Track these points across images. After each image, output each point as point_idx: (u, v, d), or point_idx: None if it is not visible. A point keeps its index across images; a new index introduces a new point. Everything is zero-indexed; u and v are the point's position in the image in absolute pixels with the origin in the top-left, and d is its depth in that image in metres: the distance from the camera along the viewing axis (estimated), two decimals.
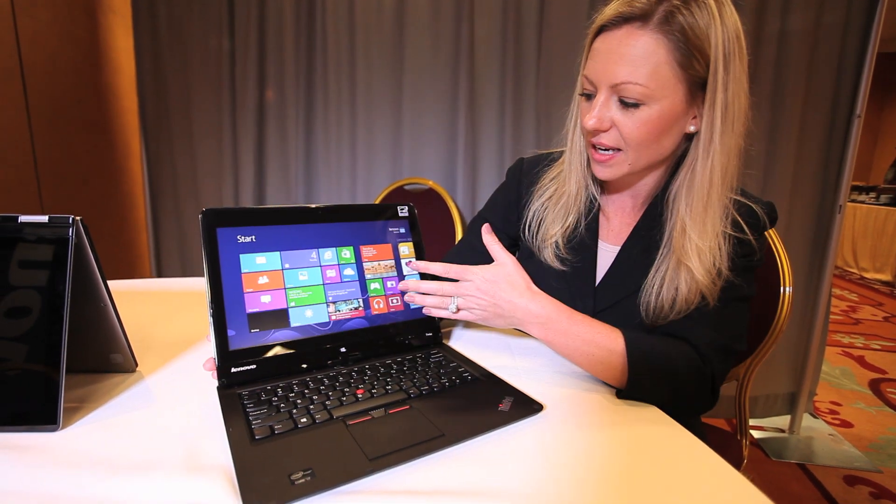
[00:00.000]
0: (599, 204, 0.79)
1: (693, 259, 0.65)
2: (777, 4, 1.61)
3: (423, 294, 0.71)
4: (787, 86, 1.66)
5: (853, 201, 4.69)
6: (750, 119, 0.65)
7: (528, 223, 0.82)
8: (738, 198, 0.70)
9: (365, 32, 1.81)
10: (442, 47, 1.79)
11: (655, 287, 0.68)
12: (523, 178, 0.87)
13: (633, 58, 0.60)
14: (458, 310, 0.68)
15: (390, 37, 1.80)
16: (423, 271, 0.73)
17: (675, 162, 0.71)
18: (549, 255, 0.78)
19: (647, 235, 0.72)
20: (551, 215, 0.79)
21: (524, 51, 1.74)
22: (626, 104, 0.62)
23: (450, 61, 1.79)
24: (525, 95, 1.77)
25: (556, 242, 0.78)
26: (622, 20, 0.60)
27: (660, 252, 0.70)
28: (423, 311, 0.72)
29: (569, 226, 0.78)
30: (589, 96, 0.67)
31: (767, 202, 0.71)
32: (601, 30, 0.63)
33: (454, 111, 1.82)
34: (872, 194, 4.62)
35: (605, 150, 0.67)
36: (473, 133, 1.82)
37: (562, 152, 0.81)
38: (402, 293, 0.72)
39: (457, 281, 0.69)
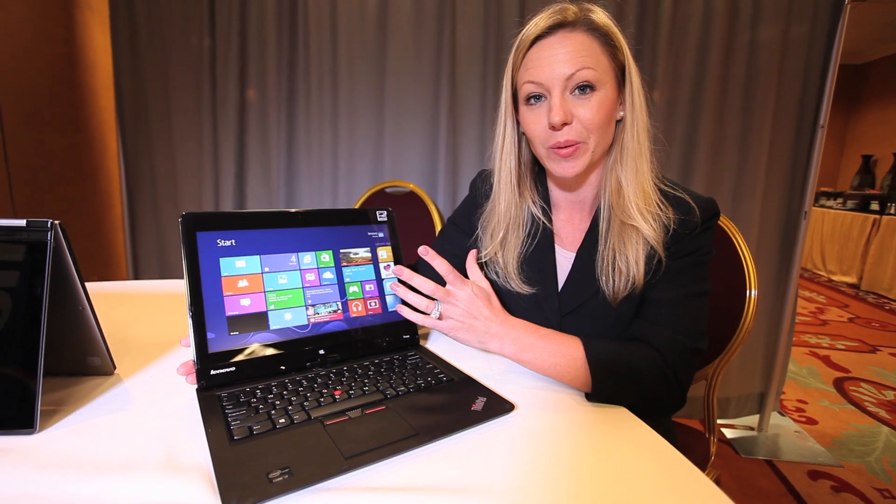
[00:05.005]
0: (548, 217, 0.82)
1: (636, 216, 0.71)
2: (747, 16, 1.67)
3: (410, 291, 0.74)
4: (756, 95, 1.72)
5: (822, 206, 4.86)
6: (649, 102, 0.74)
7: (484, 262, 0.85)
8: (679, 193, 0.73)
9: (347, 34, 1.81)
10: (424, 51, 1.80)
11: (609, 256, 0.73)
12: (479, 191, 0.90)
13: (576, 51, 0.68)
14: (441, 317, 0.73)
15: (372, 39, 1.81)
16: (409, 282, 0.75)
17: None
18: (515, 285, 0.81)
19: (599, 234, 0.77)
20: (499, 248, 0.82)
21: (505, 54, 1.75)
22: (581, 93, 0.69)
23: (432, 65, 1.81)
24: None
25: (516, 269, 0.81)
26: (555, 27, 0.69)
27: (601, 219, 0.75)
28: (402, 312, 0.74)
29: (518, 246, 0.82)
30: (529, 98, 0.72)
31: (708, 198, 0.74)
32: (535, 41, 0.71)
33: (436, 114, 1.83)
34: (840, 200, 4.79)
35: (567, 146, 0.71)
36: (454, 136, 1.84)
37: None
38: (381, 295, 0.74)
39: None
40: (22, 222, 0.52)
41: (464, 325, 0.72)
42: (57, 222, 0.52)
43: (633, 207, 0.71)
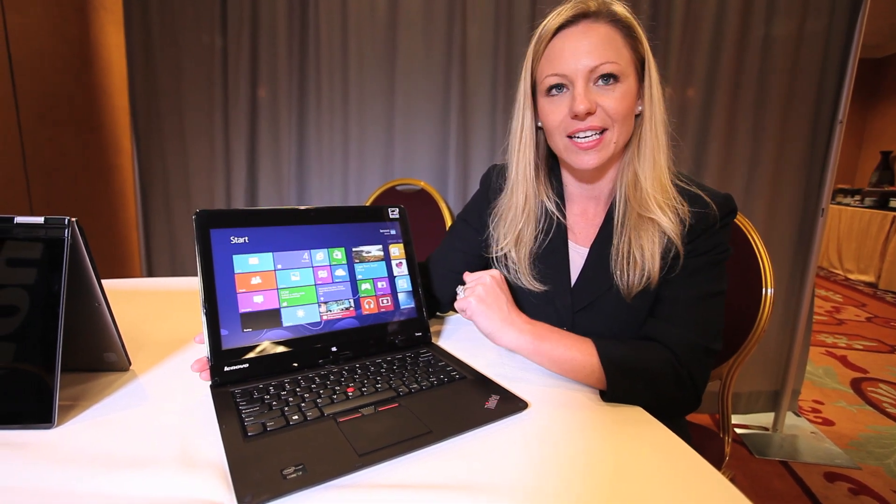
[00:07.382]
0: (562, 212, 0.82)
1: (654, 208, 0.70)
2: (761, 11, 1.65)
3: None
4: (770, 91, 1.69)
5: (839, 203, 4.77)
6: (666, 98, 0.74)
7: (495, 257, 0.84)
8: (694, 189, 0.72)
9: (358, 33, 1.81)
10: (434, 49, 1.80)
11: (624, 248, 0.72)
12: (492, 186, 0.89)
13: (599, 43, 0.68)
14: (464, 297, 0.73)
15: (383, 38, 1.81)
16: None
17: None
18: (527, 282, 0.81)
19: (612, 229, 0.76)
20: (513, 242, 0.81)
21: (515, 53, 1.76)
22: (604, 85, 0.69)
23: (442, 63, 1.80)
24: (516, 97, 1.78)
25: (529, 265, 0.81)
26: (580, 17, 0.69)
27: (616, 212, 0.75)
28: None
29: (531, 241, 0.81)
30: (551, 89, 0.72)
31: (724, 194, 0.73)
32: (558, 30, 0.70)
33: (446, 112, 1.83)
34: (857, 197, 4.70)
35: (589, 136, 0.70)
36: (465, 134, 1.83)
37: None
38: (393, 293, 0.74)
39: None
40: (40, 220, 0.53)
41: (484, 305, 0.70)
42: (74, 219, 0.53)
43: (651, 200, 0.70)
